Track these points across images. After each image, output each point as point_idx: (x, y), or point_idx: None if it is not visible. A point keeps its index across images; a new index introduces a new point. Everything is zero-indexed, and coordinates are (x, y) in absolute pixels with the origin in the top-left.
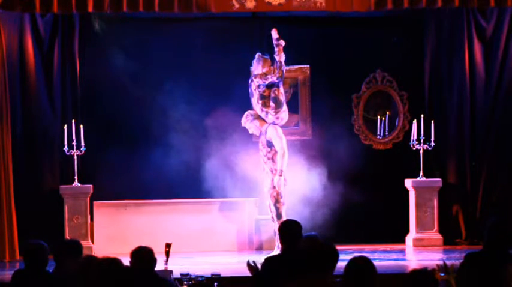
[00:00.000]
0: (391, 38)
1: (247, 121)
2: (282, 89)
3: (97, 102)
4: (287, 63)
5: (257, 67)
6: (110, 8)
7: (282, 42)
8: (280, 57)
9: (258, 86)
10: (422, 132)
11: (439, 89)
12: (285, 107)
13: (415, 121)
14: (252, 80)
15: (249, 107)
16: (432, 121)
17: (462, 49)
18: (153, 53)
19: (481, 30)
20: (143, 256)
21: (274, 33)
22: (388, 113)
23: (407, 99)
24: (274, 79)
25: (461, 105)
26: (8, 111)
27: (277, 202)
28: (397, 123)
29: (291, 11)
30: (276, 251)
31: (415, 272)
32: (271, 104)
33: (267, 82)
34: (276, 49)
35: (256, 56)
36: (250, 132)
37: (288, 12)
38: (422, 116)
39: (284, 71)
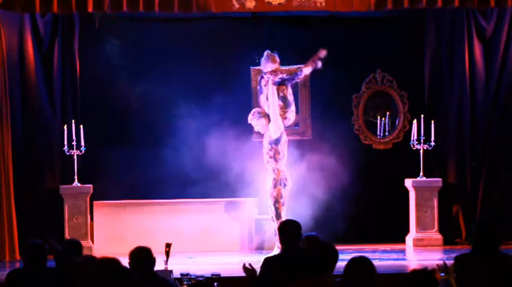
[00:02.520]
0: (391, 38)
1: (253, 118)
2: (290, 90)
3: (97, 102)
4: (287, 63)
5: (266, 64)
6: (110, 8)
7: (319, 64)
8: (306, 68)
9: (267, 82)
10: (422, 132)
11: (439, 89)
12: (293, 107)
13: (415, 121)
14: (262, 77)
15: (249, 105)
16: (432, 121)
17: (462, 49)
18: (153, 53)
19: (481, 30)
20: (141, 256)
21: (323, 53)
22: (388, 113)
23: (407, 99)
24: (285, 76)
25: (461, 105)
26: (8, 111)
27: (276, 202)
28: (397, 123)
29: (291, 11)
30: (276, 251)
31: (415, 272)
32: (280, 103)
33: (276, 78)
34: (310, 60)
35: (265, 53)
36: (256, 129)
37: (288, 12)
38: (422, 116)
39: (297, 76)
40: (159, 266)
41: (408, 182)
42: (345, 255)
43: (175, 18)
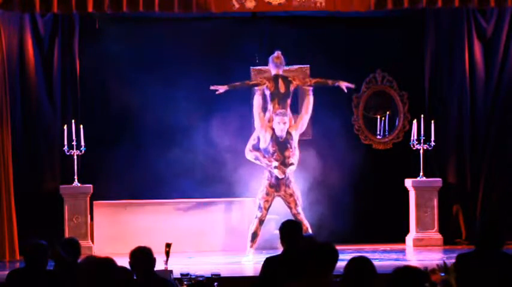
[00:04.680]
0: (391, 38)
1: (286, 117)
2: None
3: (97, 102)
4: (288, 63)
5: (282, 67)
6: (110, 8)
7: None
8: (342, 83)
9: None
10: (422, 132)
11: (439, 89)
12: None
13: (415, 121)
14: (291, 81)
15: (249, 105)
16: (432, 121)
17: (462, 49)
18: (153, 53)
19: (481, 30)
20: (142, 256)
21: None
22: (388, 113)
23: (408, 99)
24: (312, 85)
25: (461, 105)
26: (8, 111)
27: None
28: (397, 123)
29: (291, 11)
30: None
31: (399, 270)
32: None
33: (306, 87)
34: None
35: (281, 56)
36: (281, 127)
37: (288, 12)
38: (422, 116)
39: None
40: (159, 266)
41: (408, 182)
42: (345, 255)
43: (175, 18)
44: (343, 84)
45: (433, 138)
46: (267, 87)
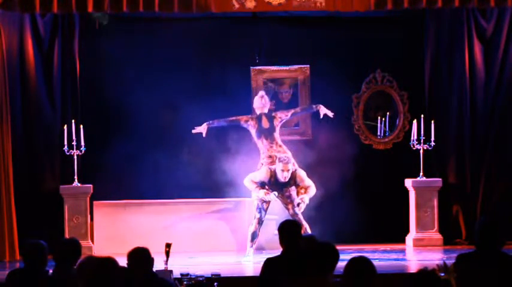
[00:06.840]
0: (391, 38)
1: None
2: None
3: (97, 102)
4: (288, 63)
5: (267, 104)
6: (110, 8)
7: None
8: (322, 109)
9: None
10: (422, 132)
11: (439, 89)
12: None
13: (415, 121)
14: (274, 117)
15: (249, 105)
16: (432, 121)
17: (462, 49)
18: (153, 53)
19: (481, 30)
20: (139, 256)
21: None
22: (388, 113)
23: (408, 99)
24: (298, 110)
25: (461, 105)
26: (8, 112)
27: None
28: (397, 123)
29: (291, 11)
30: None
31: (421, 272)
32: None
33: (289, 115)
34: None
35: (265, 95)
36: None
37: (288, 12)
38: (422, 116)
39: (312, 110)
40: (159, 266)
41: (408, 182)
42: (345, 255)
43: (175, 18)
44: (322, 111)
45: (433, 138)
46: (248, 123)
